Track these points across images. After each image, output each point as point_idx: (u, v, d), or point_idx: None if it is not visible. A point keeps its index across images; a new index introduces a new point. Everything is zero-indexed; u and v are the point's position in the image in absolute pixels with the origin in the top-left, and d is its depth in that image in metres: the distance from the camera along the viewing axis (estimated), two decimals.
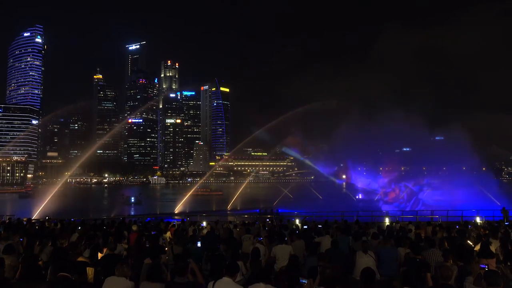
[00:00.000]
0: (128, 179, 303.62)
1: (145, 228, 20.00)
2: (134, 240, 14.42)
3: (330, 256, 10.76)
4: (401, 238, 12.99)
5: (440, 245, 12.25)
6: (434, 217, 31.49)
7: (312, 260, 10.65)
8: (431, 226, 18.85)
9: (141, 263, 9.79)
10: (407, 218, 31.51)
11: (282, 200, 66.70)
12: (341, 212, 35.09)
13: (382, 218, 28.89)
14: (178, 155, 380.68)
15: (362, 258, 10.47)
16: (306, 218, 29.92)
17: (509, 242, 13.13)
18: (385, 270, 10.59)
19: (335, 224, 20.68)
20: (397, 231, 17.63)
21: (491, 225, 20.97)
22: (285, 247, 11.74)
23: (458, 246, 12.12)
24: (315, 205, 49.99)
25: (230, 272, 7.10)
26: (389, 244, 12.27)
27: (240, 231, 18.11)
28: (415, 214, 35.02)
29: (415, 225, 20.67)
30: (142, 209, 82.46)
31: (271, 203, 58.48)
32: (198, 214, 42.48)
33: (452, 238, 14.28)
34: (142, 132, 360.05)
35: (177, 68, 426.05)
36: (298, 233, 15.86)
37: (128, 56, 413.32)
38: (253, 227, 20.32)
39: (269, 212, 40.86)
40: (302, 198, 65.07)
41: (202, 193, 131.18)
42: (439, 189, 53.23)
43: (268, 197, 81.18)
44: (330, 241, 12.42)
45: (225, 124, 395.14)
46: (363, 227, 19.45)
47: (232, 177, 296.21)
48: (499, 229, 17.46)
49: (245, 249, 14.32)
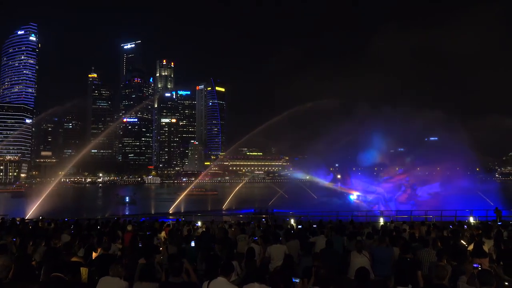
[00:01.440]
0: (123, 179, 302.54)
1: (139, 228, 19.94)
2: (129, 240, 14.38)
3: (324, 256, 10.80)
4: (395, 238, 13.04)
5: (433, 244, 12.32)
6: (428, 217, 31.65)
7: (307, 260, 10.68)
8: (425, 226, 18.96)
9: (136, 263, 9.75)
10: (402, 218, 31.66)
11: (277, 200, 66.74)
12: (336, 212, 35.17)
13: (377, 218, 28.99)
14: (173, 154, 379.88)
15: (356, 258, 10.48)
16: (301, 218, 29.97)
17: (502, 241, 13.24)
18: (379, 270, 10.59)
19: (329, 224, 20.74)
20: (392, 231, 17.70)
21: (484, 225, 21.12)
22: (279, 247, 11.75)
23: (452, 246, 12.22)
24: (310, 205, 50.05)
25: (225, 272, 7.09)
26: (384, 244, 12.31)
27: (235, 231, 18.11)
28: (409, 214, 35.19)
29: (409, 225, 20.77)
30: (136, 209, 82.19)
31: (266, 203, 58.53)
32: (193, 214, 42.43)
33: (446, 238, 14.37)
34: (137, 132, 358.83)
35: (173, 67, 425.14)
36: (293, 233, 15.90)
37: (124, 55, 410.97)
38: (248, 227, 20.34)
39: (264, 212, 40.90)
40: (297, 198, 65.05)
41: (197, 193, 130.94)
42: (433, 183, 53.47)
43: (263, 197, 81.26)
44: (324, 241, 12.43)
45: (220, 124, 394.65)
46: (358, 227, 19.53)
47: (227, 176, 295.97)
48: (492, 229, 17.60)
49: (240, 249, 14.32)
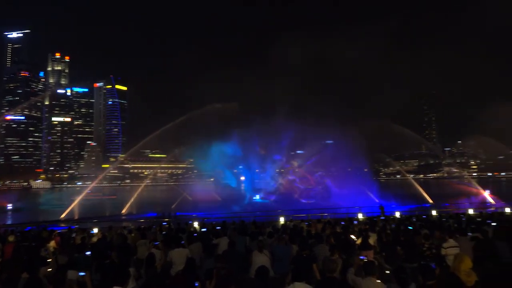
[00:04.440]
0: (5, 183, 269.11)
1: (23, 238, 17.90)
2: (11, 252, 12.94)
3: (227, 257, 10.87)
4: (294, 236, 13.71)
5: (327, 240, 13.24)
6: (324, 214, 33.90)
7: (209, 262, 10.66)
8: (321, 223, 20.25)
9: (18, 278, 8.70)
10: (300, 217, 33.38)
11: (181, 203, 65.54)
12: (239, 213, 35.75)
13: (277, 217, 30.19)
14: (67, 156, 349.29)
15: (257, 257, 10.78)
16: (204, 220, 29.84)
17: (385, 235, 14.78)
18: (279, 267, 11.00)
19: (232, 225, 20.99)
20: (291, 229, 18.56)
21: (371, 220, 23.40)
22: (181, 251, 11.54)
23: (343, 240, 13.26)
24: (214, 207, 50.17)
25: (120, 281, 6.66)
26: (283, 242, 12.87)
27: (135, 236, 17.33)
28: (307, 213, 37.31)
29: (306, 223, 22.00)
30: (21, 217, 73.50)
31: (169, 206, 57.10)
32: (88, 220, 39.39)
33: (338, 234, 15.56)
34: (23, 131, 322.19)
35: (67, 62, 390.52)
36: (196, 236, 15.74)
37: (8, 45, 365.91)
38: (149, 231, 19.54)
39: (166, 216, 39.75)
40: (201, 200, 64.69)
41: (94, 197, 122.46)
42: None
43: (166, 200, 79.05)
44: (227, 242, 12.55)
45: (121, 124, 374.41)
46: (260, 227, 20.07)
47: (128, 180, 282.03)
48: (377, 224, 19.58)
49: (140, 255, 13.78)
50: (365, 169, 67.71)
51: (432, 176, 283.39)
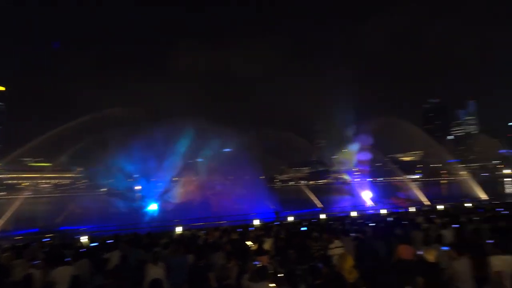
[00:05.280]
0: None
1: None
2: None
3: (118, 271, 10.24)
4: (190, 245, 13.51)
5: (224, 248, 13.33)
6: (222, 222, 34.12)
7: (98, 278, 9.96)
8: (218, 231, 20.31)
9: None
10: (198, 226, 33.06)
11: (68, 215, 59.96)
12: (134, 224, 34.08)
13: (174, 227, 29.39)
14: None
15: (152, 269, 10.39)
16: (94, 233, 27.77)
17: (279, 239, 15.44)
18: (174, 278, 10.71)
19: (125, 238, 19.87)
20: (188, 238, 18.29)
21: (266, 226, 24.25)
22: (65, 269, 10.51)
23: (239, 247, 13.49)
24: (106, 219, 46.93)
25: None
26: (179, 252, 12.56)
27: (9, 256, 15.29)
28: (205, 221, 37.11)
29: (204, 231, 21.88)
30: None
31: (53, 220, 51.82)
32: None
33: (235, 240, 15.78)
34: None
35: None
36: (84, 251, 14.55)
37: None
38: (27, 249, 17.45)
39: (49, 231, 35.88)
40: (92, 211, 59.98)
41: None
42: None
43: (50, 213, 71.62)
44: (119, 256, 11.84)
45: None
46: (155, 238, 19.36)
47: (3, 192, 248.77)
48: (272, 229, 20.36)
49: (16, 277, 12.18)
50: (261, 177, 70.04)
51: (322, 182, 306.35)
